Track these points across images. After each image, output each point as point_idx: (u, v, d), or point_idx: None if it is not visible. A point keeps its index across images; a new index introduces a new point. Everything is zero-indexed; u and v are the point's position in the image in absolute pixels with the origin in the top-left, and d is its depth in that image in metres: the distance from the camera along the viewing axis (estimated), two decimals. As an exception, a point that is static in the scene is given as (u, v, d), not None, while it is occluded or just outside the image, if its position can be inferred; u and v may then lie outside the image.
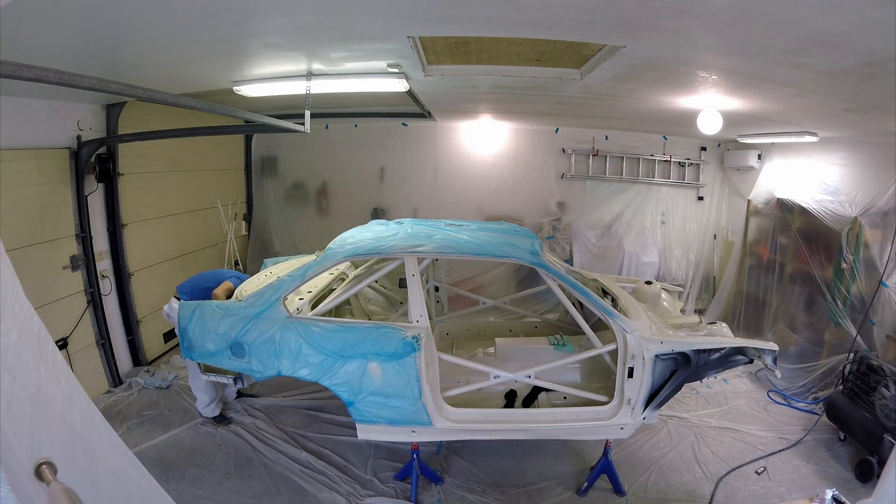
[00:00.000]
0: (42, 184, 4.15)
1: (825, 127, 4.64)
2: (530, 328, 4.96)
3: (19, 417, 1.22)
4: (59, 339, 4.33)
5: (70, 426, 1.37)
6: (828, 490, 1.92)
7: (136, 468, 1.61)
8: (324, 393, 4.52)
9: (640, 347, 3.27)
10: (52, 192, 4.27)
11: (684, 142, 7.30)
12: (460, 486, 3.72)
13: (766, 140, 5.82)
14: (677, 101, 4.13)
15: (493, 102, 5.42)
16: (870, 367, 4.08)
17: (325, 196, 7.96)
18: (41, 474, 1.17)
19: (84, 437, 1.42)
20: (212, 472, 3.78)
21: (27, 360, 1.27)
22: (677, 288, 5.12)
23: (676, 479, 3.84)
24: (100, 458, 1.47)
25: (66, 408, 1.37)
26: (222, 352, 3.34)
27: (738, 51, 2.58)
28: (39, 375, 1.30)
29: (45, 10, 2.08)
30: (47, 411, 1.31)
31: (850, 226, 4.72)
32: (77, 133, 4.42)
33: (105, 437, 1.52)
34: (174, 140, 5.30)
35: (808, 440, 4.29)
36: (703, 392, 5.17)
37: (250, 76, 3.80)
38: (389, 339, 3.20)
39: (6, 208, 3.69)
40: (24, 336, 1.27)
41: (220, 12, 2.33)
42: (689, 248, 7.53)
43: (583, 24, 2.36)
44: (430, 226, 3.98)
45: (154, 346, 5.65)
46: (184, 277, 5.92)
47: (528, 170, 7.57)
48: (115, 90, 2.21)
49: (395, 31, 2.66)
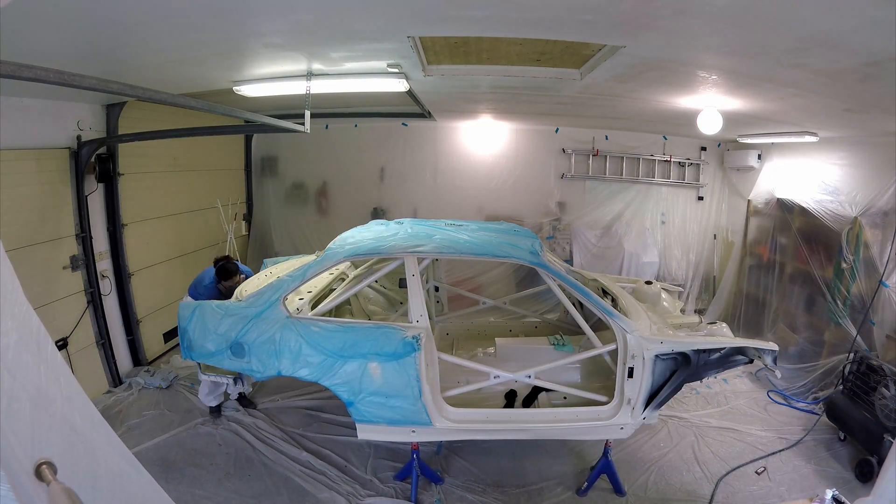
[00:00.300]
0: (42, 184, 4.15)
1: (825, 127, 4.64)
2: (530, 328, 4.96)
3: (19, 417, 1.22)
4: (60, 339, 4.32)
5: (70, 426, 1.37)
6: (828, 490, 1.92)
7: (136, 468, 1.61)
8: (324, 393, 4.52)
9: (640, 347, 3.27)
10: (52, 192, 4.27)
11: (684, 142, 7.30)
12: (460, 486, 3.72)
13: (766, 140, 5.82)
14: (677, 101, 4.13)
15: (493, 102, 5.42)
16: (870, 367, 4.08)
17: (325, 196, 7.96)
18: (41, 474, 1.17)
19: (84, 437, 1.42)
20: (212, 472, 3.78)
21: (27, 360, 1.27)
22: (677, 288, 5.13)
23: (676, 479, 3.84)
24: (99, 459, 1.47)
25: (65, 408, 1.37)
26: (222, 352, 3.34)
27: (738, 51, 2.57)
28: (39, 376, 1.30)
29: (46, 10, 2.08)
30: (47, 411, 1.31)
31: (850, 226, 4.72)
32: (77, 133, 4.42)
33: (104, 438, 1.52)
34: (174, 140, 5.30)
35: (808, 440, 4.29)
36: (703, 392, 5.17)
37: (250, 76, 3.80)
38: (389, 339, 3.20)
39: (6, 208, 3.69)
40: (23, 336, 1.27)
41: (220, 12, 2.33)
42: (689, 248, 7.53)
43: (583, 24, 2.36)
44: (430, 226, 3.98)
45: (154, 346, 5.65)
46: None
47: (528, 170, 7.57)
48: (115, 90, 2.21)
49: (394, 31, 2.66)
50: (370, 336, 3.25)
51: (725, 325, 3.69)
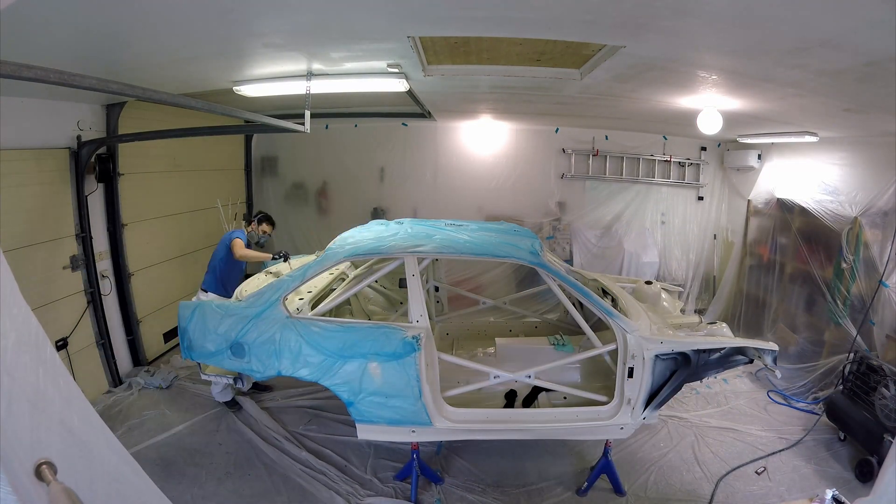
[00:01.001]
0: (42, 184, 4.15)
1: (825, 127, 4.64)
2: (530, 328, 4.96)
3: (19, 418, 1.22)
4: (60, 339, 4.32)
5: (68, 427, 1.37)
6: (828, 490, 1.92)
7: (134, 469, 1.61)
8: (324, 393, 4.51)
9: (640, 347, 3.27)
10: (52, 192, 4.27)
11: (684, 142, 7.29)
12: (460, 486, 3.72)
13: (766, 140, 5.82)
14: (677, 101, 4.13)
15: (493, 102, 5.42)
16: (870, 367, 4.08)
17: (325, 196, 7.95)
18: (41, 474, 1.17)
19: (81, 438, 1.42)
20: (212, 472, 3.78)
21: (25, 361, 1.27)
22: (677, 288, 5.12)
23: (676, 479, 3.84)
24: (97, 460, 1.47)
25: (64, 409, 1.37)
26: (222, 352, 3.34)
27: (738, 51, 2.57)
28: (37, 377, 1.30)
29: (46, 10, 2.08)
30: (46, 412, 1.31)
31: (850, 226, 4.72)
32: (77, 133, 4.42)
33: (103, 439, 1.52)
34: (174, 140, 5.30)
35: (808, 440, 4.29)
36: (703, 392, 5.17)
37: (250, 76, 3.80)
38: (389, 339, 3.20)
39: (6, 208, 3.69)
40: (21, 338, 1.27)
41: (220, 12, 2.33)
42: (689, 248, 7.53)
43: (583, 24, 2.36)
44: (430, 226, 3.98)
45: (154, 346, 5.65)
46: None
47: (528, 170, 7.56)
48: (115, 90, 2.21)
49: (395, 31, 2.66)
50: (370, 336, 3.25)
51: (725, 325, 3.69)
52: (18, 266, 3.87)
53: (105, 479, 1.50)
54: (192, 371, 5.12)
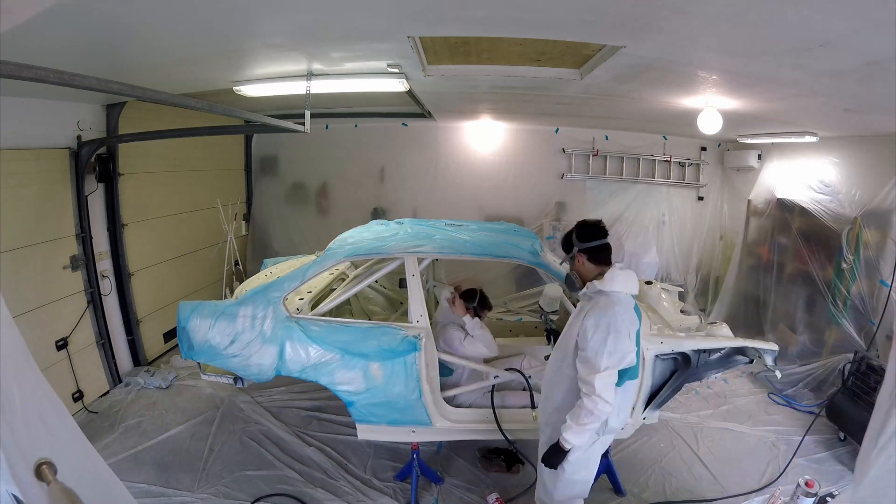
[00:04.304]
0: (42, 184, 4.14)
1: (825, 127, 4.64)
2: (530, 328, 4.95)
3: (19, 418, 1.22)
4: (59, 339, 4.32)
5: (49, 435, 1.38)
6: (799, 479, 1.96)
7: (111, 479, 1.62)
8: (324, 393, 4.51)
9: (640, 347, 3.26)
10: (52, 192, 4.27)
11: (684, 142, 7.29)
12: (460, 486, 3.72)
13: (766, 140, 5.82)
14: (677, 101, 4.13)
15: (493, 102, 5.42)
16: (870, 367, 4.08)
17: (325, 196, 7.95)
18: (41, 474, 1.17)
19: (60, 446, 1.42)
20: (210, 472, 3.77)
21: (6, 368, 1.27)
22: (677, 288, 5.12)
23: (676, 479, 3.84)
24: (73, 468, 1.47)
25: (45, 415, 1.38)
26: (222, 352, 3.33)
27: (738, 51, 2.57)
28: (21, 382, 1.30)
29: (45, 9, 2.08)
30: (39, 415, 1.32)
31: (850, 226, 4.72)
32: (77, 133, 4.42)
33: (80, 447, 1.52)
34: (174, 140, 5.29)
35: (808, 440, 4.28)
36: (703, 392, 5.17)
37: (251, 76, 3.80)
38: (389, 339, 3.20)
39: (6, 208, 3.68)
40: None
41: (220, 12, 2.33)
42: (690, 249, 7.53)
43: (583, 24, 2.36)
44: (430, 226, 3.98)
45: (154, 347, 5.65)
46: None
47: (528, 170, 7.55)
48: (116, 90, 2.20)
49: (395, 31, 2.65)
50: (370, 336, 3.25)
51: (725, 325, 3.68)
52: (18, 266, 3.89)
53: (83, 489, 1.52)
54: (193, 371, 5.12)
